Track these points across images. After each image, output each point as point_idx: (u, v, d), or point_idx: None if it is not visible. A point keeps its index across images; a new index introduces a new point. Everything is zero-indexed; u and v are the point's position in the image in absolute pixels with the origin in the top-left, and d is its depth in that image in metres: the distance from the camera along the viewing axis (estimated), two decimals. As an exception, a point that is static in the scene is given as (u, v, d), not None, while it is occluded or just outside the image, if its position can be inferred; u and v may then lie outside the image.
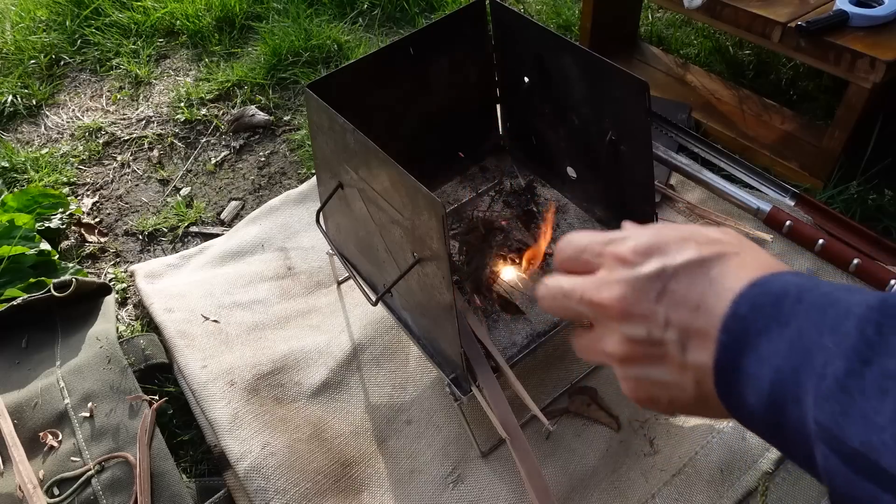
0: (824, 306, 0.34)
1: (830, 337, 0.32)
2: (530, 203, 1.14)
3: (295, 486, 0.95)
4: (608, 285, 0.43)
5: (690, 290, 0.40)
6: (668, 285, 0.41)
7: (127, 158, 1.62)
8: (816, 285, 0.35)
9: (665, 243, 0.42)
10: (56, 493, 0.95)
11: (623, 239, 0.44)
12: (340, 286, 1.24)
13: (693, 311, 0.39)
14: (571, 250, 0.48)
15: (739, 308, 0.37)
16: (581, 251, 0.47)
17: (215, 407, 1.03)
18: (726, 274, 0.39)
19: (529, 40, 1.03)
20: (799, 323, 0.34)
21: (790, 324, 0.34)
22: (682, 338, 0.39)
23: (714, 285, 0.39)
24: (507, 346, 0.95)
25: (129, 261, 1.39)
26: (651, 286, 0.41)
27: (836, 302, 0.34)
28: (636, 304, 0.41)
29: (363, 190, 0.89)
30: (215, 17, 1.98)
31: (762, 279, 0.37)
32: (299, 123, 1.66)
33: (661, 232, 0.44)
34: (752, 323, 0.36)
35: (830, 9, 1.17)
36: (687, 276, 0.40)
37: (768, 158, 1.38)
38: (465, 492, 0.94)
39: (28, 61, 1.91)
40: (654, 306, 0.41)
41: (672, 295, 0.40)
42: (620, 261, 0.43)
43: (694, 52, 1.73)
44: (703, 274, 0.40)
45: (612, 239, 0.45)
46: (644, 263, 0.42)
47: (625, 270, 0.43)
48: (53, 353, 1.13)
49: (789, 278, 0.37)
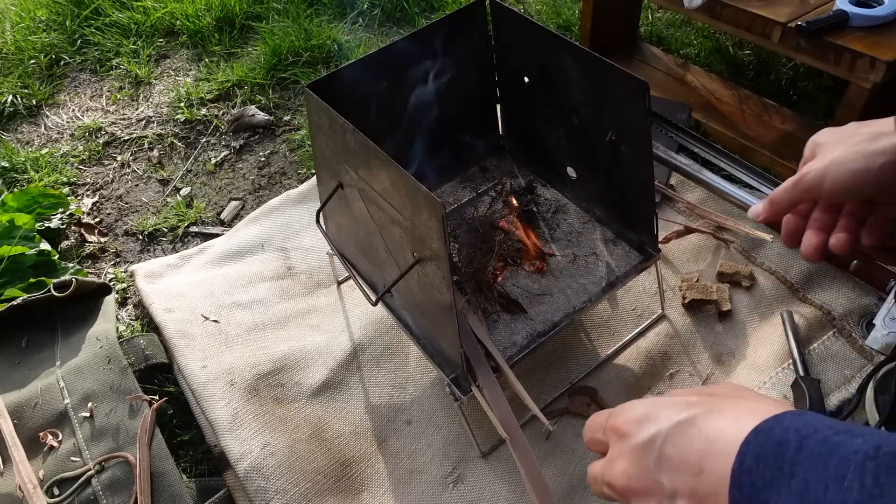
0: (825, 455, 0.34)
1: (835, 492, 0.33)
2: (530, 203, 1.14)
3: (295, 486, 0.95)
4: (613, 462, 0.45)
5: (688, 452, 0.40)
6: (664, 450, 0.41)
7: (127, 158, 1.62)
8: (815, 430, 0.36)
9: (656, 408, 0.43)
10: (56, 493, 0.95)
11: (620, 411, 0.46)
12: (340, 286, 1.24)
13: (697, 476, 0.39)
14: (588, 433, 0.50)
15: (745, 461, 0.37)
16: (594, 431, 0.49)
17: (215, 407, 1.03)
18: (723, 428, 0.40)
19: (529, 40, 1.03)
20: (804, 474, 0.34)
21: (795, 475, 0.35)
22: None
23: (713, 443, 0.39)
24: (507, 346, 0.95)
25: (129, 261, 1.39)
26: (647, 454, 0.42)
27: (836, 449, 0.34)
28: (638, 477, 0.42)
29: (363, 190, 0.89)
30: (215, 17, 1.98)
31: (763, 426, 0.38)
32: (299, 123, 1.66)
33: (656, 399, 0.45)
34: (759, 475, 0.36)
35: (830, 9, 1.17)
36: (681, 438, 0.41)
37: (768, 158, 1.38)
38: (465, 492, 0.94)
39: (28, 61, 1.91)
40: (656, 477, 0.41)
41: (669, 462, 0.41)
42: (619, 434, 0.45)
43: (694, 52, 1.73)
44: (699, 432, 0.40)
45: (611, 413, 0.47)
46: (638, 432, 0.43)
47: (623, 444, 0.44)
48: (53, 353, 1.13)
49: (789, 422, 0.37)
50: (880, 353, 1.03)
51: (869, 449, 0.33)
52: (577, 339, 1.10)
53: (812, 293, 1.12)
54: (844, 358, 1.03)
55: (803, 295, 1.12)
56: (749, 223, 1.24)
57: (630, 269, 1.02)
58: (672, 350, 1.08)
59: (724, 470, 0.38)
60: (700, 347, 1.08)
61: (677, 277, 1.17)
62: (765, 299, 1.13)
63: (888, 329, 1.01)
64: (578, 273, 1.03)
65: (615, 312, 1.13)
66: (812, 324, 1.07)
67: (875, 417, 0.95)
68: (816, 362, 1.03)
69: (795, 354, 1.02)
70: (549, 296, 1.01)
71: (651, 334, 1.10)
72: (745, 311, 1.12)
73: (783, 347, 1.05)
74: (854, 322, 1.08)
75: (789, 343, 1.04)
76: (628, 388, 1.04)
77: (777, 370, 1.02)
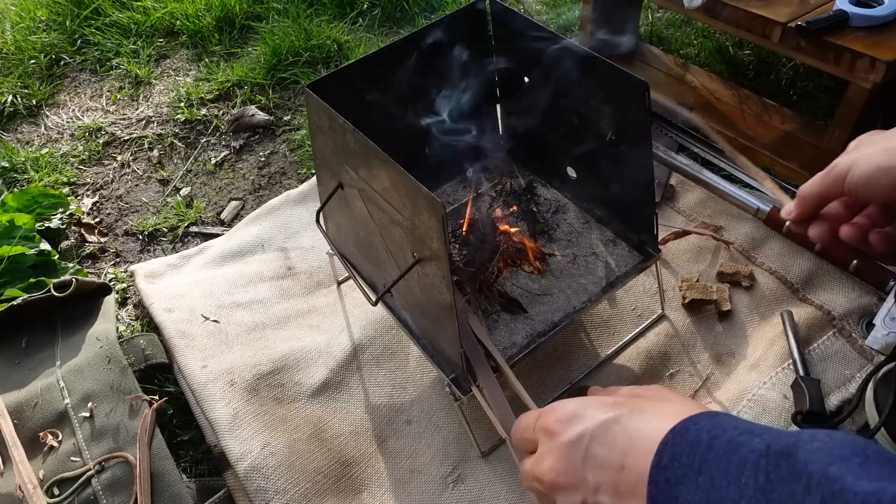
0: (728, 454, 0.37)
1: (735, 488, 0.36)
2: (530, 203, 1.14)
3: (295, 486, 0.95)
4: (542, 459, 0.47)
5: (612, 449, 0.43)
6: (589, 448, 0.44)
7: (127, 158, 1.62)
8: (723, 430, 0.39)
9: (584, 408, 0.46)
10: (56, 493, 0.95)
11: (550, 410, 0.49)
12: (340, 286, 1.24)
13: (619, 472, 0.42)
14: (518, 433, 0.52)
15: (662, 458, 0.40)
16: (523, 431, 0.51)
17: (215, 407, 1.03)
18: (643, 428, 0.42)
19: (529, 40, 1.03)
20: (710, 471, 0.37)
21: (703, 472, 0.38)
22: (615, 500, 0.42)
23: (635, 441, 0.42)
24: (507, 346, 0.95)
25: (129, 261, 1.39)
26: (575, 452, 0.44)
27: (738, 448, 0.37)
28: (565, 472, 0.45)
29: (363, 190, 0.89)
30: (215, 17, 1.98)
31: (679, 426, 0.41)
32: (299, 123, 1.66)
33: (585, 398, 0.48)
34: (673, 472, 0.39)
35: (830, 9, 1.17)
36: (606, 436, 0.43)
37: (768, 158, 1.38)
38: (465, 492, 0.94)
39: (28, 61, 1.91)
40: (582, 473, 0.44)
41: (595, 459, 0.43)
42: (548, 433, 0.47)
43: (694, 52, 1.73)
44: (622, 431, 0.43)
45: (542, 413, 0.50)
46: (566, 431, 0.45)
47: (552, 441, 0.46)
48: (53, 353, 1.13)
49: (703, 423, 0.40)
50: (880, 353, 1.03)
51: (762, 447, 0.36)
52: (577, 339, 1.11)
53: (812, 293, 1.12)
54: (844, 358, 1.03)
55: (803, 295, 1.12)
56: (749, 224, 1.24)
57: (630, 269, 1.02)
58: (672, 350, 1.08)
59: (643, 467, 0.40)
60: (700, 347, 1.08)
61: (677, 277, 1.17)
62: (765, 299, 1.13)
63: (888, 329, 1.01)
64: (578, 273, 1.03)
65: (615, 312, 1.13)
66: (812, 324, 1.07)
67: (875, 417, 0.95)
68: (816, 362, 1.03)
69: (795, 354, 1.02)
70: (549, 296, 1.01)
71: (651, 334, 1.10)
72: (745, 311, 1.12)
73: (783, 347, 1.05)
74: (854, 322, 1.08)
75: (789, 343, 1.04)
76: (628, 388, 1.04)
77: (777, 370, 1.02)
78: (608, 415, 0.44)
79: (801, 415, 0.93)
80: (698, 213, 1.28)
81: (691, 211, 1.29)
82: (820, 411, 0.93)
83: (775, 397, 0.99)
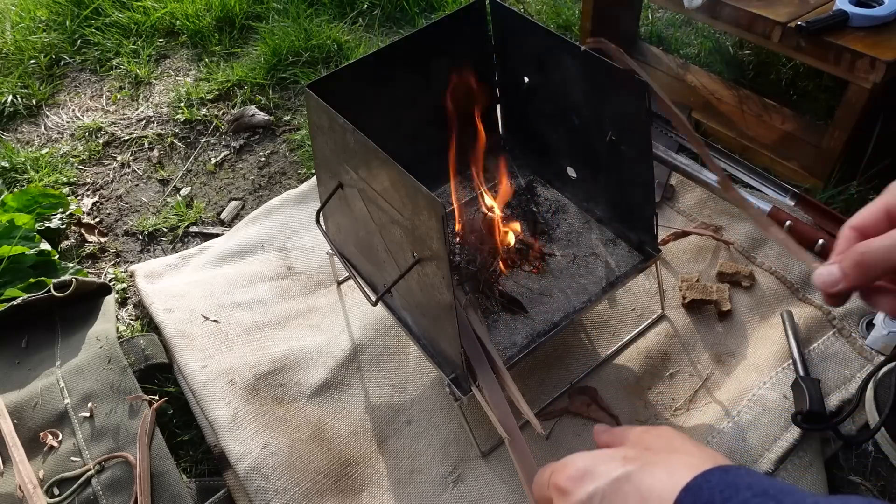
0: None
1: None
2: (530, 203, 1.14)
3: (295, 486, 0.95)
4: None
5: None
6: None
7: (127, 158, 1.62)
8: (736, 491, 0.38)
9: (595, 464, 0.45)
10: (56, 493, 0.95)
11: (562, 467, 0.48)
12: (340, 286, 1.24)
13: None
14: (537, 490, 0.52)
15: None
16: (542, 488, 0.51)
17: (215, 407, 1.03)
18: (654, 486, 0.42)
19: (529, 40, 1.03)
20: None
21: None
22: None
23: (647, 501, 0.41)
24: (507, 346, 0.95)
25: (129, 261, 1.39)
26: None
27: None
28: None
29: (363, 190, 0.89)
30: (215, 17, 1.98)
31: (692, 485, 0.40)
32: (299, 123, 1.66)
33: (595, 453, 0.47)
34: None
35: (830, 9, 1.17)
36: (618, 496, 0.43)
37: (768, 158, 1.38)
38: (465, 492, 0.94)
39: (28, 61, 1.91)
40: None
41: None
42: (560, 492, 0.46)
43: (694, 52, 1.73)
44: (634, 490, 0.42)
45: (554, 469, 0.49)
46: (577, 490, 0.45)
47: (564, 501, 0.46)
48: (53, 353, 1.13)
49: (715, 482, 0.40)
50: (880, 353, 1.03)
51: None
52: (577, 339, 1.11)
53: (812, 293, 1.12)
54: (844, 358, 1.03)
55: (803, 295, 1.12)
56: (749, 224, 1.24)
57: (630, 269, 1.02)
58: (672, 350, 1.08)
59: None
60: (700, 347, 1.08)
61: (677, 277, 1.17)
62: (765, 299, 1.13)
63: (888, 329, 1.01)
64: (578, 273, 1.03)
65: (615, 312, 1.13)
66: (812, 324, 1.07)
67: (875, 417, 0.95)
68: (816, 362, 1.03)
69: (795, 354, 1.02)
70: (549, 296, 1.01)
71: (651, 334, 1.10)
72: (745, 311, 1.12)
73: (783, 347, 1.05)
74: (854, 322, 1.08)
75: (789, 343, 1.04)
76: (628, 388, 1.04)
77: (777, 370, 1.02)
78: (619, 471, 0.44)
79: (801, 415, 0.93)
80: (698, 213, 1.28)
81: (691, 211, 1.29)
82: (820, 411, 0.93)
83: (775, 397, 0.99)
